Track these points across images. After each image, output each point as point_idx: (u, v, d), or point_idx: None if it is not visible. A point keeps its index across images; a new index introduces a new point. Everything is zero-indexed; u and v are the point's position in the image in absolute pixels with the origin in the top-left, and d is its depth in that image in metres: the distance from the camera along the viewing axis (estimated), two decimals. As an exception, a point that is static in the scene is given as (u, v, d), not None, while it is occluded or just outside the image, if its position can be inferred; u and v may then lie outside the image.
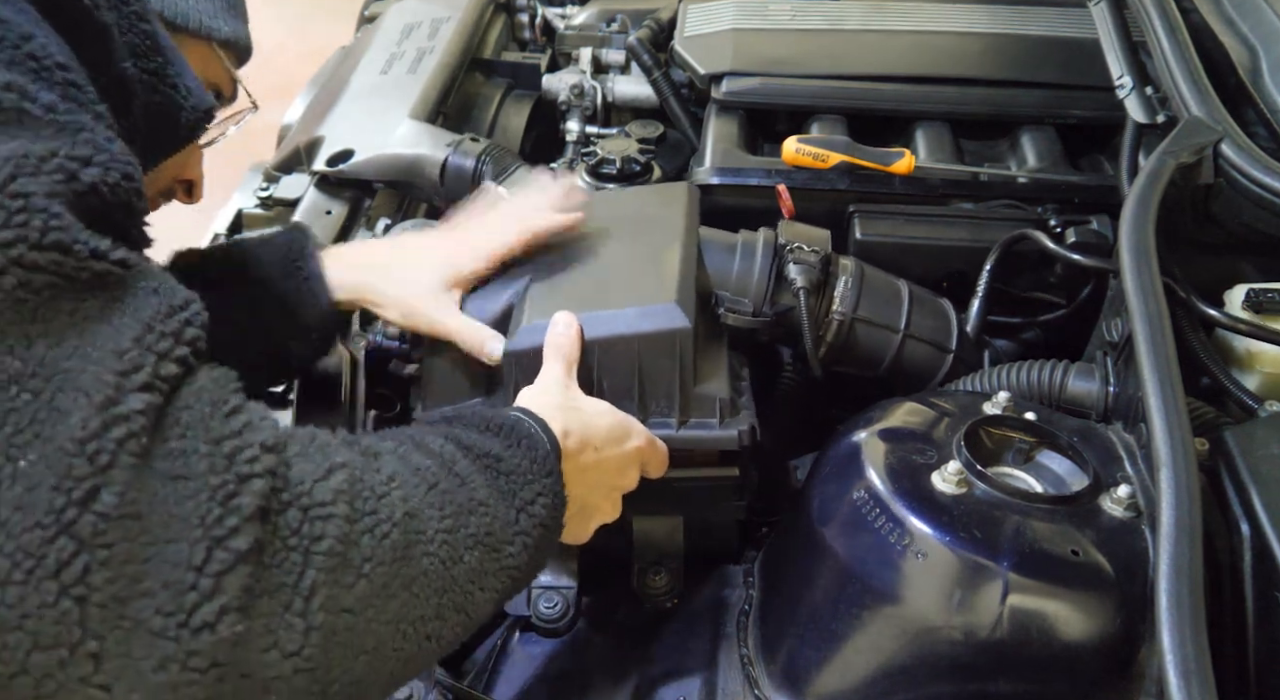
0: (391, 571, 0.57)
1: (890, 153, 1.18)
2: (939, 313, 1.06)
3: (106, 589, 0.48)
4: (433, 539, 0.61)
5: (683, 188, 1.06)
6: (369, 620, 0.56)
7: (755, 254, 1.00)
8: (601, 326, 0.84)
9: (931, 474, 0.77)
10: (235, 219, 1.31)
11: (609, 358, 0.84)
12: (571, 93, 1.48)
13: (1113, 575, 0.72)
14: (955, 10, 1.43)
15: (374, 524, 0.57)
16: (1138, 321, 0.80)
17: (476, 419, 0.72)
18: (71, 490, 0.48)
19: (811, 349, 0.99)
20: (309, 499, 0.55)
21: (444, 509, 0.63)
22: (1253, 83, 1.03)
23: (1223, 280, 0.99)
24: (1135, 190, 0.90)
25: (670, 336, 0.84)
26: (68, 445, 0.48)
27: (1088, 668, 0.72)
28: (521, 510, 0.68)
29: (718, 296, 0.98)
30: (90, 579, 0.47)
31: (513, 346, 0.85)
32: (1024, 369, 0.95)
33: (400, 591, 0.58)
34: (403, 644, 0.58)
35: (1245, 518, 0.74)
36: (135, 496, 0.49)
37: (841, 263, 1.04)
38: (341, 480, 0.57)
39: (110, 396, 0.50)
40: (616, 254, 0.94)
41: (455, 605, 0.62)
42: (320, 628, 0.53)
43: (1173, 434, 0.72)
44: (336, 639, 0.54)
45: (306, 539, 0.54)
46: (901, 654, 0.75)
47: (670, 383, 0.85)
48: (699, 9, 1.47)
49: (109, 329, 0.52)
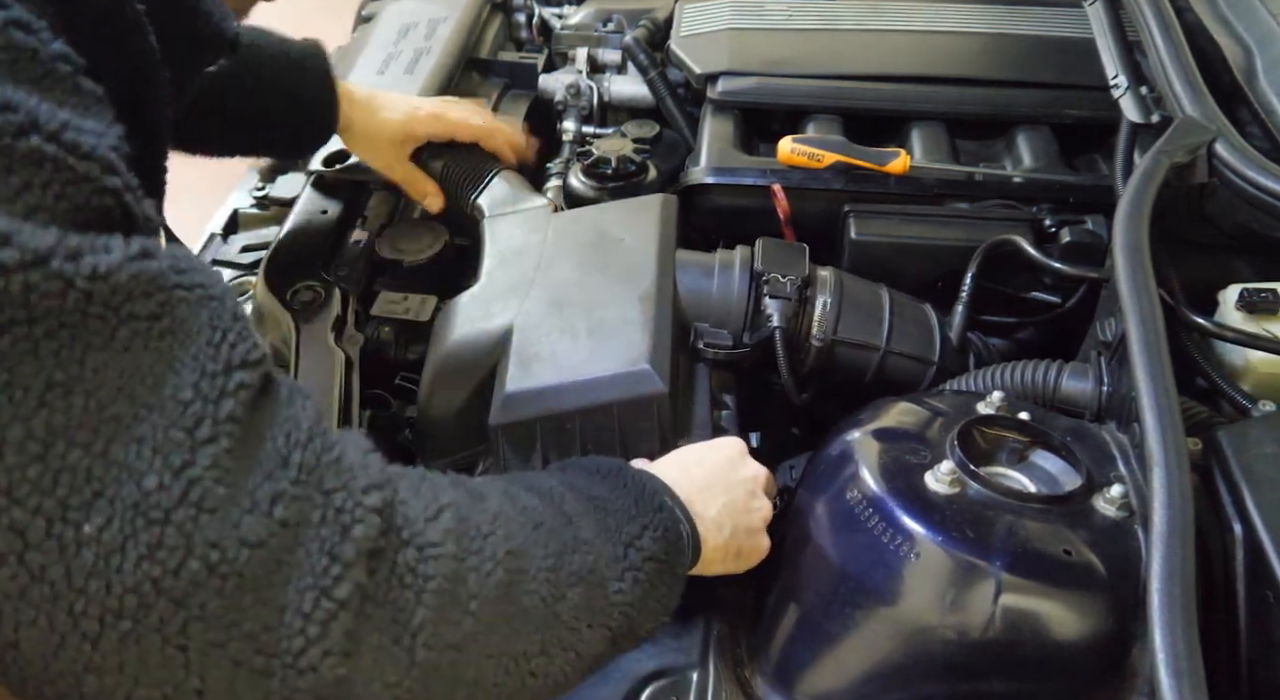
0: (496, 609, 0.58)
1: (885, 152, 1.18)
2: (921, 323, 1.06)
3: (207, 636, 0.47)
4: (535, 576, 0.61)
5: (657, 204, 1.06)
6: (471, 655, 0.57)
7: (732, 281, 1.02)
8: (581, 396, 0.86)
9: (925, 474, 0.77)
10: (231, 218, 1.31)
11: (590, 425, 0.86)
12: (568, 92, 1.48)
13: (1105, 575, 0.72)
14: (950, 10, 1.43)
15: (479, 563, 0.58)
16: (1131, 322, 0.80)
17: (588, 463, 0.76)
18: (164, 559, 0.46)
19: (789, 383, 1.00)
20: (422, 539, 0.56)
21: (547, 547, 0.64)
22: (1247, 82, 1.03)
23: (1217, 280, 0.99)
24: (1129, 190, 0.90)
25: (647, 401, 0.86)
26: (146, 508, 0.46)
27: (1080, 667, 0.72)
28: (629, 545, 0.69)
29: (696, 330, 0.99)
30: (190, 630, 0.47)
31: (499, 420, 0.87)
32: (1017, 369, 0.95)
33: (502, 626, 0.59)
34: (504, 679, 0.59)
35: (1238, 517, 0.74)
36: (233, 555, 0.48)
37: (821, 278, 1.04)
38: (449, 520, 0.58)
39: (181, 447, 0.47)
40: (591, 294, 0.95)
41: (561, 642, 0.63)
42: (422, 664, 0.54)
43: (1165, 434, 0.72)
44: (439, 673, 0.55)
45: (420, 578, 0.54)
46: (895, 654, 0.75)
47: (650, 442, 0.87)
48: (695, 9, 1.47)
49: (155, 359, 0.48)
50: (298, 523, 0.50)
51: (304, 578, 0.49)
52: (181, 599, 0.47)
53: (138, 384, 0.47)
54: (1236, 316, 0.94)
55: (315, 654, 0.49)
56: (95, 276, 0.46)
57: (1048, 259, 1.07)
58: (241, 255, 1.26)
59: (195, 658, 0.47)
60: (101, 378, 0.46)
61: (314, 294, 1.11)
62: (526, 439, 0.86)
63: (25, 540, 0.45)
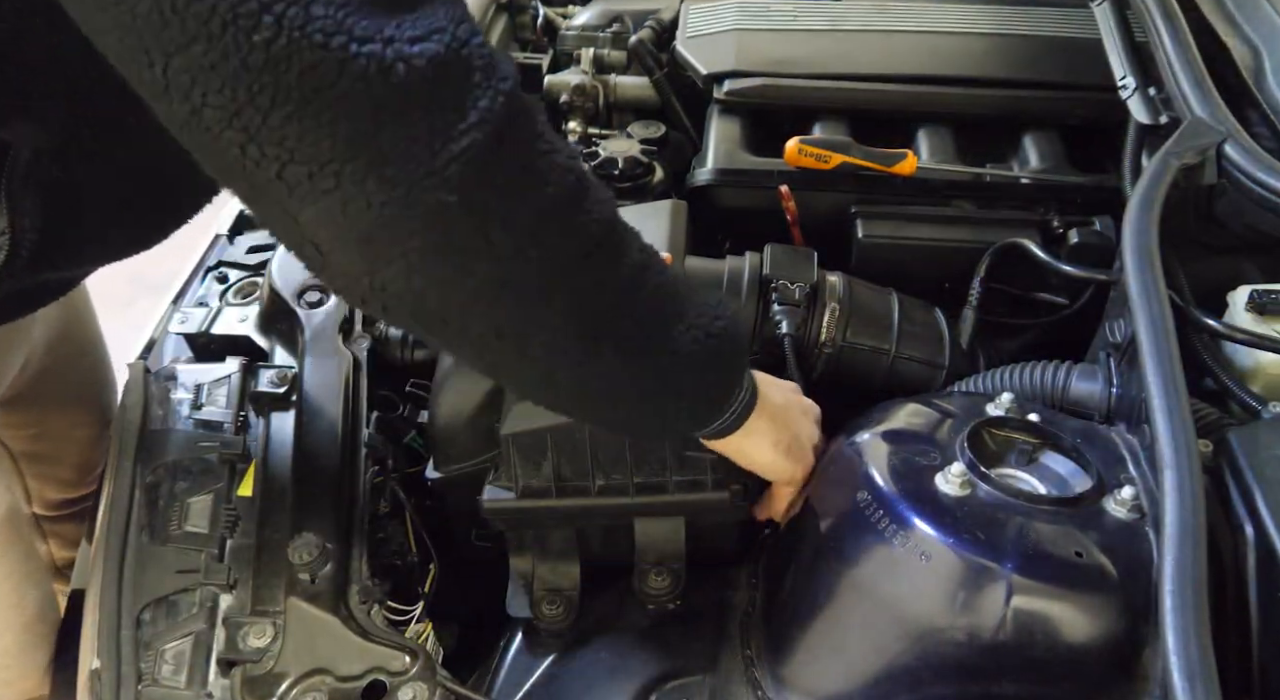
0: (589, 262, 0.63)
1: (893, 154, 1.18)
2: (930, 327, 1.06)
3: (356, 127, 0.54)
4: (632, 265, 0.67)
5: (667, 210, 1.06)
6: (543, 273, 0.62)
7: (741, 288, 1.02)
8: None
9: (935, 475, 0.77)
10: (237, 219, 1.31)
11: (601, 434, 0.86)
12: (573, 93, 1.48)
13: (1116, 577, 0.72)
14: (957, 11, 1.42)
15: (597, 204, 0.63)
16: (1141, 323, 0.80)
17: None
18: (328, 65, 0.53)
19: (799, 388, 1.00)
20: (559, 157, 0.61)
21: (647, 255, 0.69)
22: (1256, 83, 1.03)
23: (1226, 281, 0.98)
24: (1138, 192, 0.90)
25: None
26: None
27: (1092, 669, 0.72)
28: (708, 317, 0.73)
29: None
30: (339, 127, 0.53)
31: (510, 429, 0.87)
32: (1027, 370, 0.95)
33: (586, 279, 0.64)
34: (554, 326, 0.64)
35: (1249, 519, 0.74)
36: (401, 67, 0.54)
37: (829, 284, 1.04)
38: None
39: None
40: None
41: (614, 328, 0.67)
42: (517, 232, 0.59)
43: (1176, 435, 0.72)
44: (520, 261, 0.60)
45: (544, 181, 0.60)
46: (905, 655, 0.75)
47: (661, 451, 0.87)
48: (701, 9, 1.46)
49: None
50: (451, 66, 0.55)
51: (442, 120, 0.55)
52: (340, 98, 0.53)
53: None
54: (1246, 318, 0.94)
55: (433, 180, 0.55)
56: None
57: (1056, 261, 1.07)
58: (248, 256, 1.25)
59: (342, 147, 0.54)
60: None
61: (321, 295, 1.11)
62: (537, 448, 0.86)
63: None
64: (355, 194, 0.55)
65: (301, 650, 0.83)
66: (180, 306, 1.18)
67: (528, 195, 0.59)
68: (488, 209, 0.58)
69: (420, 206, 0.55)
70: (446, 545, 1.00)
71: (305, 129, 0.53)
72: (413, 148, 0.55)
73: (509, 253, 0.59)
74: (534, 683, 0.87)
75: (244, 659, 0.82)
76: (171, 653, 0.83)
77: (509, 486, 0.88)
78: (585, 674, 0.87)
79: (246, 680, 0.81)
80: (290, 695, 0.80)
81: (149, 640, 0.84)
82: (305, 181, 0.55)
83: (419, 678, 0.81)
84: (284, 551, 0.87)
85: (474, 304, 0.61)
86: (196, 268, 1.26)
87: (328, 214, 0.55)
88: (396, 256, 0.57)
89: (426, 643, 0.88)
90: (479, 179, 0.57)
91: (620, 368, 0.69)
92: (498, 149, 0.57)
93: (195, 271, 1.26)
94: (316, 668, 0.82)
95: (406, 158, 0.55)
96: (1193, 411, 0.75)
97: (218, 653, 0.83)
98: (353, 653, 0.83)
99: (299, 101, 0.53)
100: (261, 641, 0.83)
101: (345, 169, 0.54)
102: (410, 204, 0.55)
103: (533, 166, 0.60)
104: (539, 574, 0.92)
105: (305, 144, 0.54)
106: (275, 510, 0.91)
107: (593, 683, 0.86)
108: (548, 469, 0.87)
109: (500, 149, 0.57)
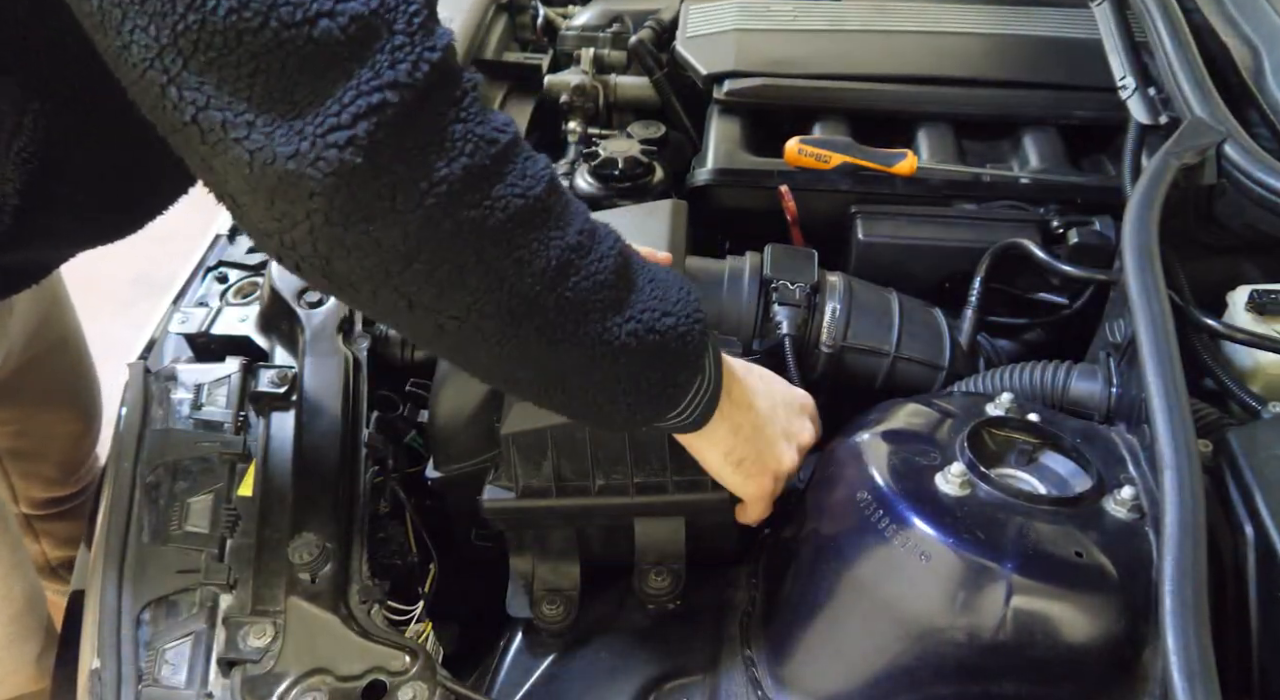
0: (506, 230, 0.62)
1: (893, 154, 1.18)
2: (931, 327, 1.06)
3: (270, 87, 0.54)
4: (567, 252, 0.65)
5: (667, 209, 1.06)
6: (459, 246, 0.60)
7: (741, 289, 1.02)
8: None
9: (935, 475, 0.77)
10: (237, 220, 1.31)
11: (600, 434, 0.86)
12: (573, 93, 1.48)
13: (1116, 577, 0.72)
14: (957, 11, 1.42)
15: (511, 189, 0.62)
16: (1140, 323, 0.80)
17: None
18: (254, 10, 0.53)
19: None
20: (481, 129, 0.60)
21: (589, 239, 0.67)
22: (1255, 83, 1.03)
23: (1225, 281, 0.98)
24: (1138, 192, 0.90)
25: None
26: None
27: (1091, 669, 0.72)
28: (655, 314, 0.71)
29: None
30: (255, 83, 0.54)
31: (510, 429, 0.86)
32: (1026, 370, 0.95)
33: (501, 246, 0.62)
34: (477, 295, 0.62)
35: (1249, 519, 0.74)
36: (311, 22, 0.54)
37: (830, 284, 1.04)
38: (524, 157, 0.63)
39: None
40: None
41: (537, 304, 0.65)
42: (422, 215, 0.58)
43: (1176, 435, 0.72)
44: (431, 233, 0.59)
45: (457, 150, 0.59)
46: (905, 655, 0.75)
47: (660, 448, 0.87)
48: (701, 9, 1.46)
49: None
50: (375, 27, 0.55)
51: (357, 79, 0.55)
52: (261, 50, 0.54)
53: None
54: (1246, 318, 0.94)
55: (341, 136, 0.55)
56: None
57: (1055, 261, 1.07)
58: (248, 256, 1.25)
59: (258, 97, 0.54)
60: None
61: (321, 295, 1.11)
62: (538, 448, 0.86)
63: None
64: (263, 144, 0.55)
65: (301, 650, 0.83)
66: (180, 306, 1.18)
67: (439, 164, 0.58)
68: (395, 174, 0.57)
69: (324, 164, 0.55)
70: (446, 545, 1.00)
71: (224, 77, 0.54)
72: (325, 103, 0.55)
73: (417, 223, 0.58)
74: (534, 683, 0.87)
75: (244, 659, 0.82)
76: (171, 653, 0.83)
77: (509, 486, 0.88)
78: (585, 674, 0.87)
79: (246, 680, 0.81)
80: (290, 695, 0.80)
81: (149, 640, 0.84)
82: (218, 128, 0.55)
83: (419, 677, 0.81)
84: (284, 551, 0.87)
85: (382, 273, 0.60)
86: (196, 268, 1.26)
87: (237, 164, 0.56)
88: (301, 217, 0.57)
89: (426, 642, 0.88)
90: (389, 142, 0.56)
91: (545, 352, 0.67)
92: (413, 114, 0.57)
93: (195, 271, 1.26)
94: (316, 667, 0.82)
95: (317, 112, 0.55)
96: (1192, 411, 0.75)
97: (218, 652, 0.83)
98: (353, 652, 0.83)
99: (220, 48, 0.54)
100: (261, 641, 0.83)
101: (258, 120, 0.55)
102: (315, 161, 0.55)
103: (448, 134, 0.59)
104: (539, 574, 0.92)
105: (222, 92, 0.55)
106: (275, 510, 0.91)
107: (592, 683, 0.86)
108: (548, 469, 0.87)
109: (416, 114, 0.57)
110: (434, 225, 0.59)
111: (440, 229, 0.59)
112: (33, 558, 1.57)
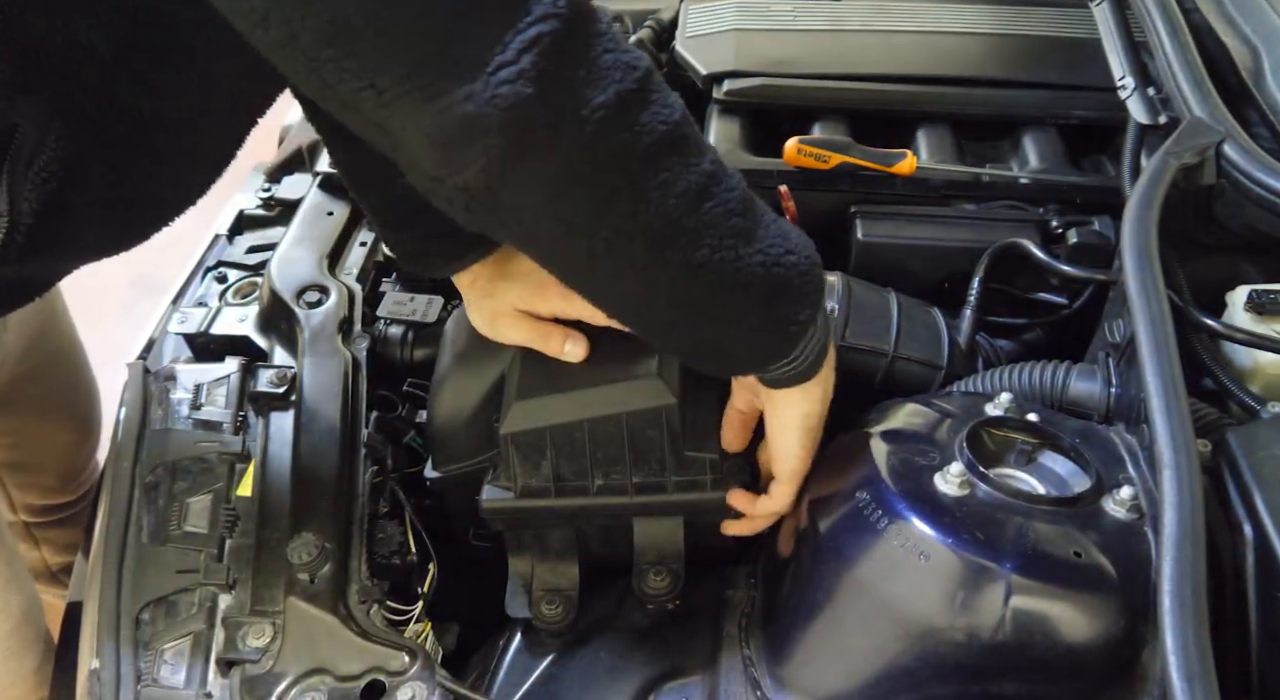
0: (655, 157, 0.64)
1: (892, 153, 1.18)
2: (929, 327, 1.06)
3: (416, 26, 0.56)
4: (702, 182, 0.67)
5: None
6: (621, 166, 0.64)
7: None
8: (590, 406, 0.86)
9: (934, 475, 0.77)
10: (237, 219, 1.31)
11: (600, 433, 0.86)
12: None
13: (1115, 577, 0.72)
14: (957, 11, 1.42)
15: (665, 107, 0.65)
16: (1140, 323, 0.80)
17: None
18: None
19: None
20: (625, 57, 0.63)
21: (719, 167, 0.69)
22: (1255, 83, 1.03)
23: (1224, 281, 0.98)
24: (1137, 191, 0.90)
25: (655, 412, 0.85)
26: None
27: (1090, 669, 0.72)
28: (780, 249, 0.73)
29: None
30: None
31: (509, 429, 0.86)
32: (1026, 370, 0.95)
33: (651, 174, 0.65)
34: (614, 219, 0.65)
35: (1248, 519, 0.74)
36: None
37: (828, 283, 1.04)
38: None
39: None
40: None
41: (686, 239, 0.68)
42: (590, 134, 0.61)
43: (1175, 435, 0.72)
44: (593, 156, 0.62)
45: (606, 76, 0.61)
46: (904, 655, 0.75)
47: (660, 451, 0.87)
48: (700, 9, 1.46)
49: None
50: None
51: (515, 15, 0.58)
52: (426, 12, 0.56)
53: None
54: (1245, 318, 0.94)
55: (510, 71, 0.57)
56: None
57: (1055, 261, 1.07)
58: (248, 256, 1.25)
59: (432, 53, 0.57)
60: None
61: (320, 295, 1.11)
62: (537, 448, 0.86)
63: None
64: (439, 93, 0.57)
65: (300, 650, 0.83)
66: (179, 306, 1.18)
67: (594, 91, 0.61)
68: (561, 102, 0.60)
69: (500, 100, 0.57)
70: (446, 545, 1.00)
71: (395, 42, 0.56)
72: (488, 45, 0.57)
73: (579, 146, 0.61)
74: (533, 683, 0.87)
75: (243, 659, 0.82)
76: (171, 653, 0.83)
77: (508, 486, 0.88)
78: (584, 674, 0.87)
79: (245, 680, 0.81)
80: (289, 695, 0.80)
81: (148, 640, 0.84)
82: (393, 88, 0.57)
83: (418, 677, 0.81)
84: (283, 551, 0.87)
85: (547, 200, 0.63)
86: (196, 268, 1.27)
87: (415, 117, 0.58)
88: (477, 156, 0.59)
89: (426, 642, 0.88)
90: (550, 71, 0.59)
91: (684, 278, 0.69)
92: (565, 43, 0.59)
93: (194, 271, 1.26)
94: (315, 667, 0.82)
95: (484, 54, 0.57)
96: (1192, 411, 0.75)
97: (217, 653, 0.83)
98: (352, 652, 0.83)
99: (389, 19, 0.56)
100: (260, 641, 0.83)
101: (431, 72, 0.57)
102: (491, 98, 0.57)
103: (599, 62, 0.62)
104: (538, 574, 0.92)
105: (396, 55, 0.57)
106: (274, 510, 0.91)
107: (592, 683, 0.86)
108: (547, 468, 0.87)
109: (568, 43, 0.59)
110: (592, 150, 0.62)
111: (598, 154, 0.62)
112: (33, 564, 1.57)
